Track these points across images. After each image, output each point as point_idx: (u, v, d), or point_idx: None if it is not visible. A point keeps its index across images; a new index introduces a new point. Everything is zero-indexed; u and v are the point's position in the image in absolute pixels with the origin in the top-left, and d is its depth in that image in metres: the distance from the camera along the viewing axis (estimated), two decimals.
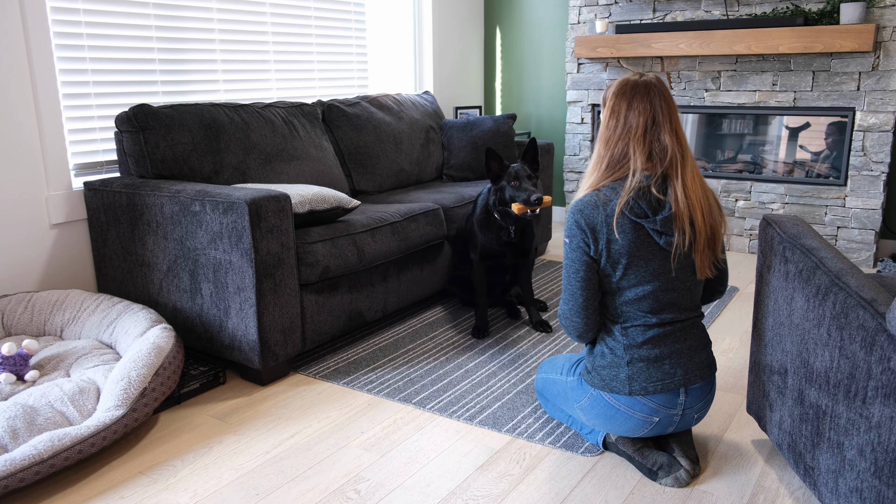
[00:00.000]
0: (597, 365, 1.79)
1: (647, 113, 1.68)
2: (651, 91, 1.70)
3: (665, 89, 1.72)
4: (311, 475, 1.85)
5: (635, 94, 1.70)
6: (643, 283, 1.70)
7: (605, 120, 1.75)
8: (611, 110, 1.74)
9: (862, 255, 3.69)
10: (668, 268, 1.70)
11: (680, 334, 1.74)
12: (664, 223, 1.66)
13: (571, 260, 1.74)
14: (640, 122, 1.68)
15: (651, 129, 1.69)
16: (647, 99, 1.69)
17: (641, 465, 1.82)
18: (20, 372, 2.12)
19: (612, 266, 1.70)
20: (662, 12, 4.09)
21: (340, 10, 3.91)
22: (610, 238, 1.67)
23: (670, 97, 1.72)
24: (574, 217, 1.71)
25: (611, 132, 1.73)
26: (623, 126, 1.70)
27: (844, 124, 3.71)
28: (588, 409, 1.84)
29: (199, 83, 3.21)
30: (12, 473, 1.64)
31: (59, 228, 2.68)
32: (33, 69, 2.52)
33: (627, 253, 1.67)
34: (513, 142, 3.82)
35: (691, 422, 1.81)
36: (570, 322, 1.78)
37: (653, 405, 1.74)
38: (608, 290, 1.75)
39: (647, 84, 1.71)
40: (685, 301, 1.75)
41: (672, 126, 1.70)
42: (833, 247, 1.63)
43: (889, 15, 3.44)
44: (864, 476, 1.41)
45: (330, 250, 2.46)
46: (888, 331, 1.34)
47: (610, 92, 1.76)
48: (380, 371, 2.48)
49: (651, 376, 1.72)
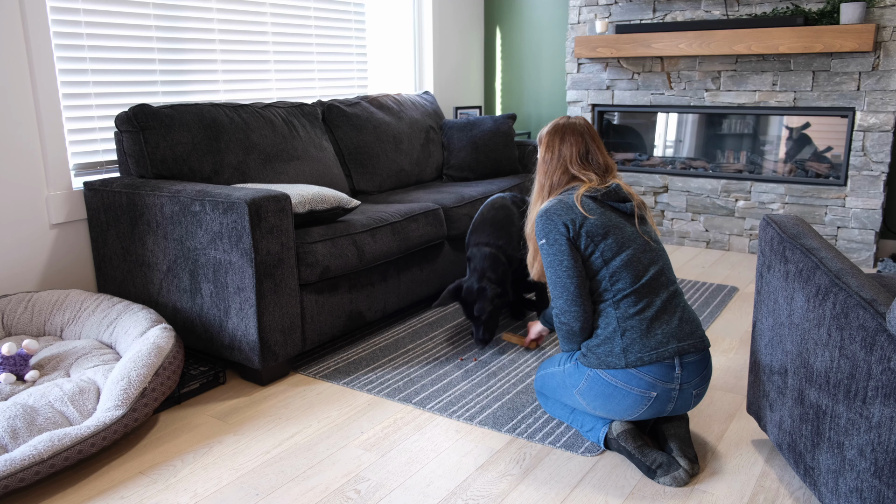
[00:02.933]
0: (591, 345, 1.86)
1: (580, 144, 1.98)
2: (580, 128, 2.00)
3: (591, 128, 2.03)
4: (311, 475, 1.85)
5: (566, 131, 2.00)
6: (623, 248, 1.85)
7: (541, 155, 2.03)
8: (546, 146, 2.02)
9: (862, 255, 3.69)
10: (637, 231, 1.90)
11: (668, 305, 1.84)
12: (618, 190, 1.93)
13: (553, 254, 1.87)
14: (573, 151, 1.98)
15: (586, 157, 1.98)
16: (578, 134, 1.99)
17: (641, 462, 1.83)
18: (20, 372, 2.12)
19: (593, 242, 1.85)
20: (662, 12, 4.09)
21: (340, 10, 3.91)
22: (584, 220, 1.86)
23: (595, 133, 2.03)
24: (543, 218, 1.89)
25: (548, 164, 2.00)
26: (559, 157, 1.98)
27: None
28: (586, 392, 1.87)
29: (199, 83, 3.21)
30: (12, 473, 1.64)
31: (59, 228, 2.68)
32: (33, 69, 2.52)
33: (602, 224, 1.86)
34: (513, 142, 3.83)
35: (690, 400, 1.83)
36: (569, 313, 1.86)
37: (649, 378, 1.77)
38: (594, 271, 1.87)
39: (576, 123, 2.02)
40: (661, 260, 1.90)
41: (603, 151, 2.01)
42: (833, 247, 1.63)
43: (889, 15, 3.44)
44: (864, 476, 1.41)
45: (330, 250, 2.46)
46: (888, 331, 1.34)
47: (544, 132, 2.04)
48: (380, 371, 2.48)
49: (645, 346, 1.78)
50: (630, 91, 4.26)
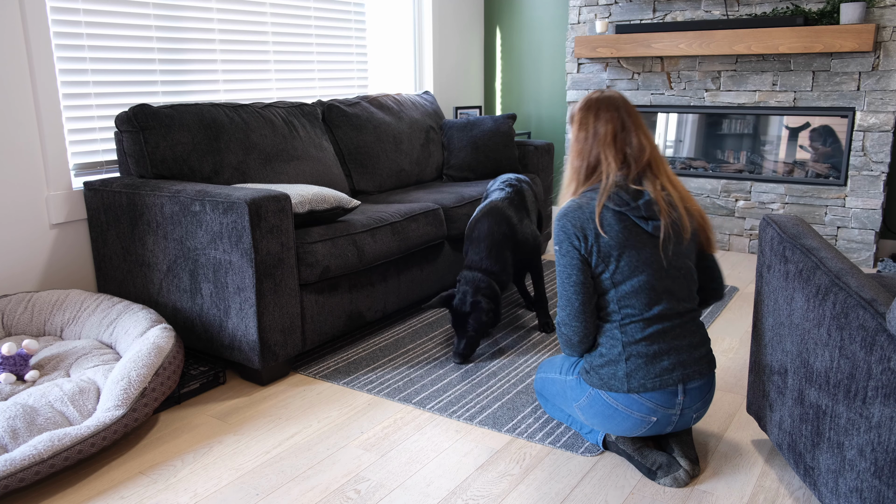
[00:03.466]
0: (595, 364, 1.80)
1: (616, 121, 1.79)
2: (615, 102, 1.81)
3: (628, 102, 1.83)
4: (311, 475, 1.85)
5: (600, 107, 1.81)
6: (637, 273, 1.73)
7: (574, 134, 1.86)
8: (579, 123, 1.84)
9: (862, 255, 3.69)
10: (659, 255, 1.74)
11: (679, 330, 1.75)
12: (647, 207, 1.73)
13: (563, 266, 1.78)
14: (608, 129, 1.79)
15: (620, 134, 1.79)
16: (613, 109, 1.80)
17: (641, 464, 1.83)
18: (20, 372, 2.12)
19: (604, 262, 1.74)
20: (662, 12, 4.09)
21: (340, 10, 3.91)
22: (598, 234, 1.73)
23: (633, 109, 1.82)
24: (560, 223, 1.78)
25: (582, 143, 1.82)
26: (594, 136, 1.80)
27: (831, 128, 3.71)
28: (586, 409, 1.85)
29: (199, 83, 3.21)
30: (12, 473, 1.64)
31: (59, 228, 2.68)
32: (33, 69, 2.52)
33: (617, 244, 1.72)
34: (513, 142, 3.82)
35: (690, 421, 1.81)
36: (570, 327, 1.80)
37: (651, 405, 1.74)
38: (603, 290, 1.77)
39: (611, 97, 1.83)
40: (681, 290, 1.77)
41: (643, 131, 1.81)
42: (833, 247, 1.63)
43: (889, 15, 3.44)
44: (864, 476, 1.41)
45: (330, 250, 2.46)
46: (888, 331, 1.34)
47: (577, 108, 1.87)
48: (380, 371, 2.48)
49: (649, 373, 1.73)
50: (630, 91, 4.26)
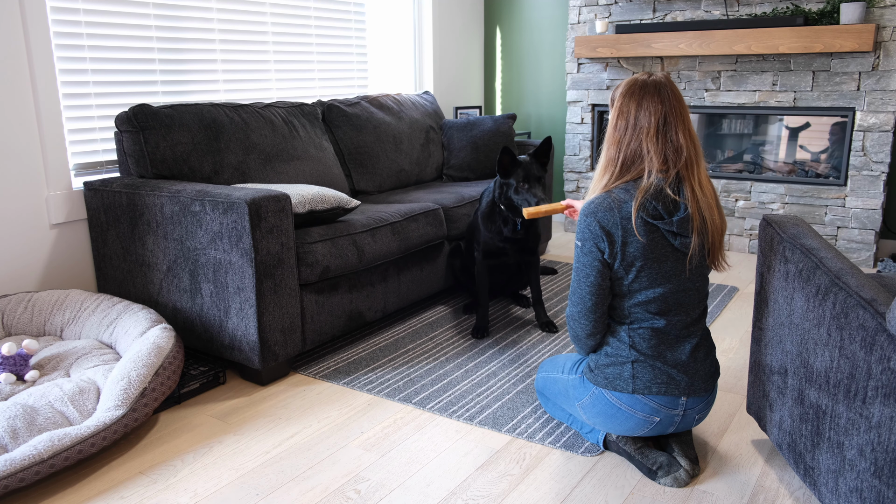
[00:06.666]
0: (600, 363, 1.79)
1: (659, 113, 1.65)
2: (661, 90, 1.66)
3: (675, 89, 1.68)
4: (311, 475, 1.85)
5: (645, 94, 1.66)
6: (655, 285, 1.68)
7: (612, 121, 1.71)
8: (619, 111, 1.69)
9: (862, 255, 3.69)
10: (681, 269, 1.68)
11: (686, 343, 1.74)
12: (680, 224, 1.64)
13: (582, 264, 1.72)
14: (651, 121, 1.65)
15: (663, 129, 1.65)
16: (658, 98, 1.65)
17: (641, 464, 1.82)
18: (20, 372, 2.12)
19: (625, 269, 1.68)
20: (662, 12, 4.09)
21: (340, 10, 3.91)
22: (626, 241, 1.64)
23: (681, 97, 1.68)
24: (587, 220, 1.67)
25: (621, 133, 1.68)
26: (634, 126, 1.66)
27: (845, 125, 3.71)
28: (589, 408, 1.84)
29: (199, 83, 3.21)
30: (12, 473, 1.64)
31: (59, 228, 2.68)
32: (33, 69, 2.52)
33: (642, 255, 1.65)
34: (513, 142, 3.83)
35: (692, 423, 1.81)
36: (578, 324, 1.78)
37: (654, 405, 1.74)
38: (619, 293, 1.73)
39: (657, 83, 1.67)
40: (693, 303, 1.74)
41: (685, 125, 1.67)
42: (833, 247, 1.63)
43: (889, 15, 3.44)
44: (864, 476, 1.41)
45: (330, 250, 2.46)
46: (888, 331, 1.34)
47: (618, 93, 1.72)
48: (380, 371, 2.48)
49: (655, 378, 1.72)
50: None
